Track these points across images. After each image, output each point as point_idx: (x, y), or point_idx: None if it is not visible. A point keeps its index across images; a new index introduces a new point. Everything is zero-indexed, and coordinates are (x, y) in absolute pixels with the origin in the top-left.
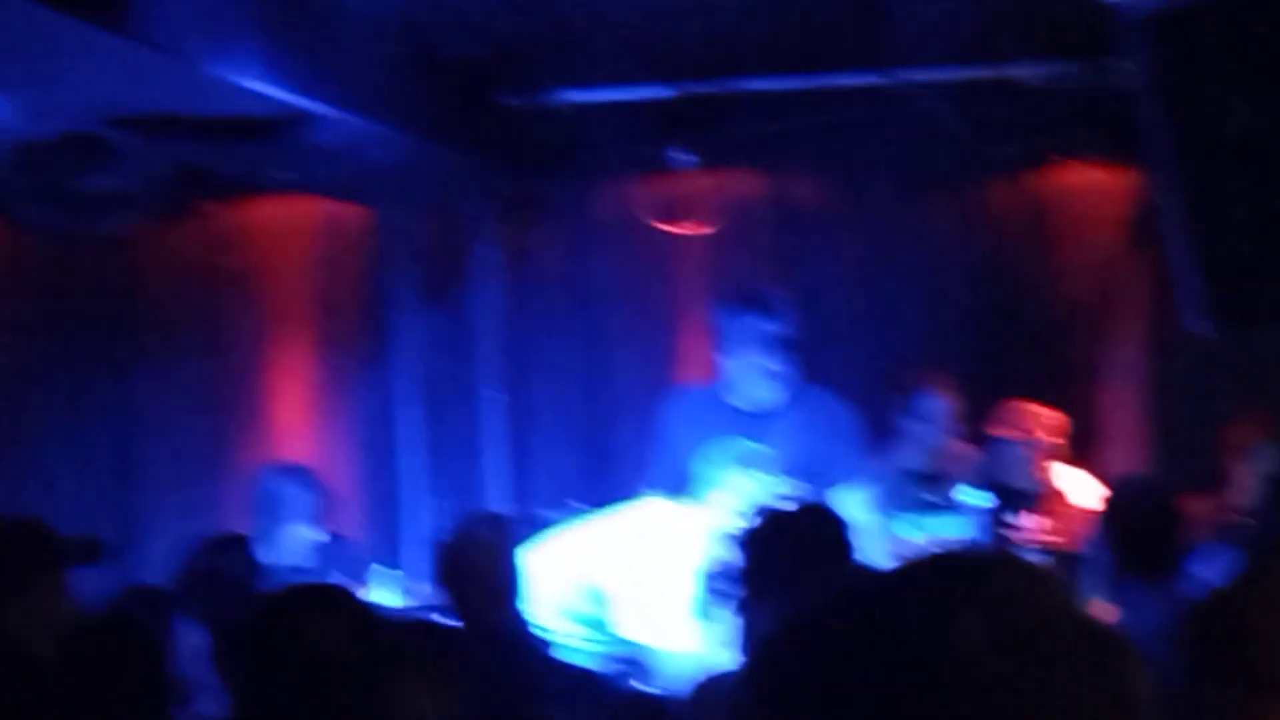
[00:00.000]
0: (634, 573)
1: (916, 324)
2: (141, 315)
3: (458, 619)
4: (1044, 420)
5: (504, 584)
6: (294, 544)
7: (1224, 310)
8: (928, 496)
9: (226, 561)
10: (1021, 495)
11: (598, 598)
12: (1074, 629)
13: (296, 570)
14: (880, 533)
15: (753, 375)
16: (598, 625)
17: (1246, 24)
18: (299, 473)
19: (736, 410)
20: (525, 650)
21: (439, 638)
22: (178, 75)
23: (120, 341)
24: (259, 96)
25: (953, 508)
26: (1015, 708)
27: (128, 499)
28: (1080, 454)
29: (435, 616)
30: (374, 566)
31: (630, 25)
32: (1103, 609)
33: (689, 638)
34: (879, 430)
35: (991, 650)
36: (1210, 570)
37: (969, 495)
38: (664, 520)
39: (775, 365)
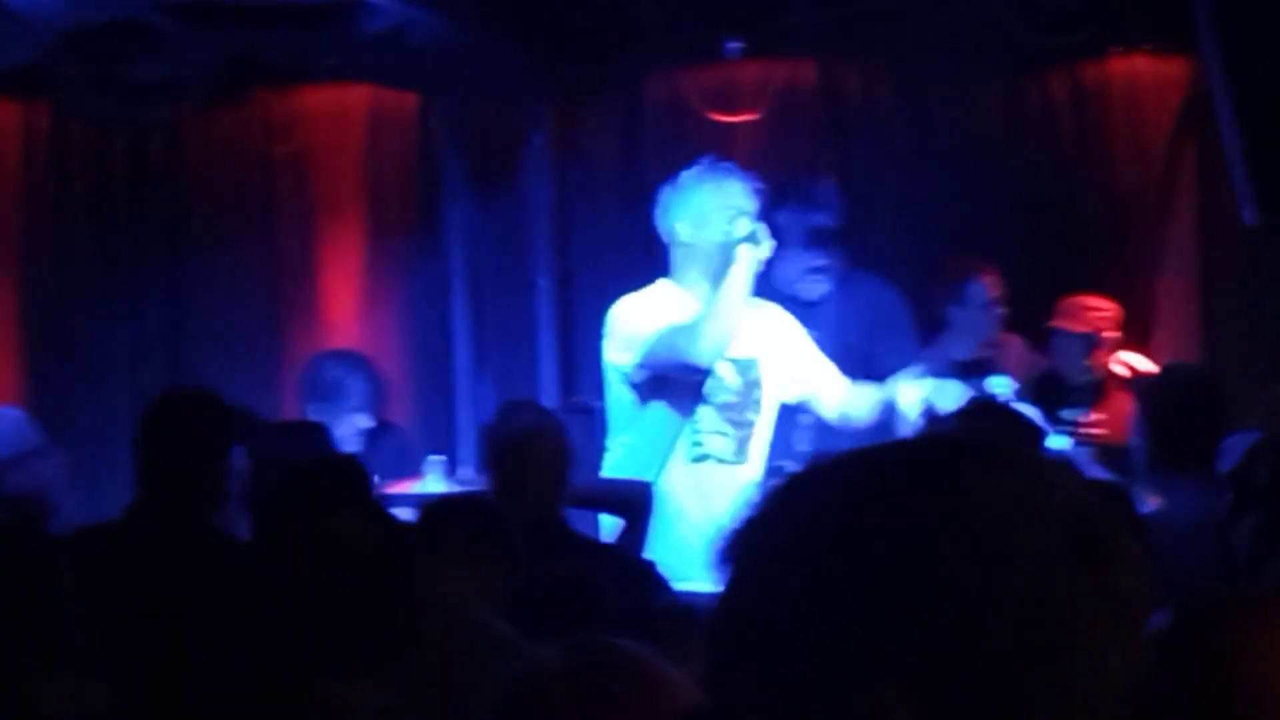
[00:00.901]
0: None
1: (968, 214)
2: (191, 202)
3: (501, 504)
4: (1103, 312)
5: (547, 471)
6: (349, 431)
7: (1271, 199)
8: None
9: (299, 448)
10: (1081, 389)
11: None
12: (1050, 524)
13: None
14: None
15: (798, 268)
16: None
17: None
18: (354, 359)
19: (784, 298)
20: (567, 536)
21: (486, 517)
22: None
23: (171, 228)
24: None
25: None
26: (987, 610)
27: (180, 381)
28: (1135, 345)
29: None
30: (427, 455)
31: None
32: (1148, 498)
33: None
34: (927, 319)
35: (956, 552)
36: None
37: (995, 384)
38: None
39: (820, 260)
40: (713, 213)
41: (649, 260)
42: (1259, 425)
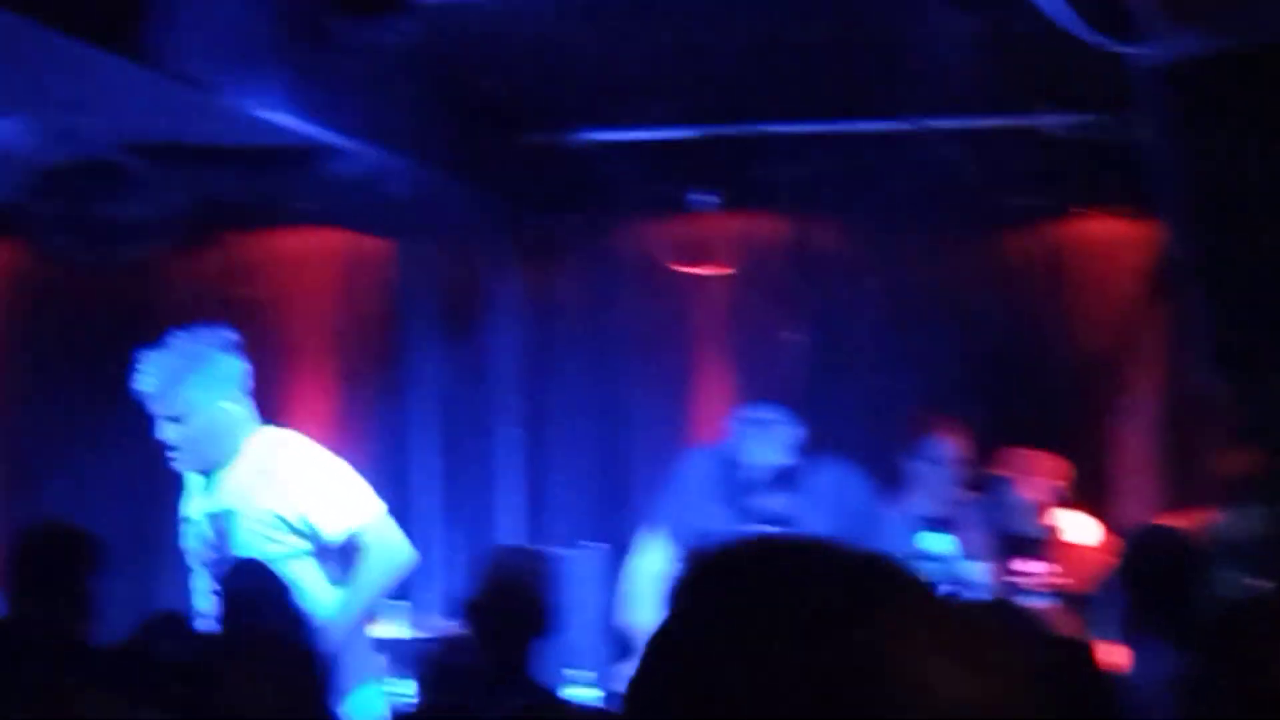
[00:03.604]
0: None
1: (933, 370)
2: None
3: (480, 651)
4: (1044, 464)
5: (535, 621)
6: None
7: (1233, 361)
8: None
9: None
10: (1023, 539)
11: None
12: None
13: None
14: None
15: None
16: None
17: (1259, 76)
18: None
19: (748, 474)
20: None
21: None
22: (198, 105)
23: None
24: (280, 127)
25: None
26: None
27: (145, 525)
28: (1093, 502)
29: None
30: (397, 601)
31: (654, 66)
32: (1112, 651)
33: None
34: (890, 475)
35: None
36: None
37: (931, 540)
38: None
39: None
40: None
41: (612, 408)
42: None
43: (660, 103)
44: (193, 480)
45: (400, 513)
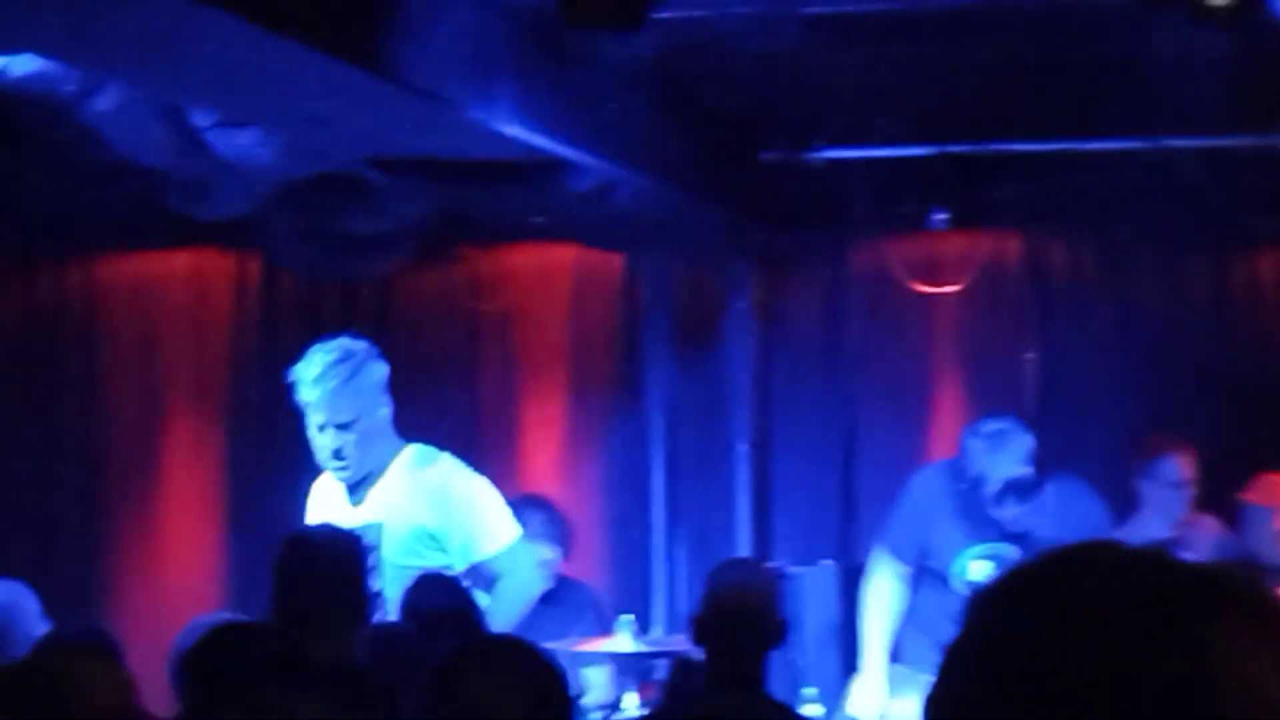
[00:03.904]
0: None
1: (1167, 391)
2: (397, 357)
3: (710, 666)
4: None
5: (768, 634)
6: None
7: None
8: None
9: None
10: (1276, 569)
11: None
12: None
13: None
14: None
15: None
16: None
17: None
18: (531, 498)
19: (983, 486)
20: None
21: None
22: (437, 118)
23: None
24: (517, 141)
25: None
26: None
27: None
28: None
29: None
30: (619, 614)
31: (890, 83)
32: None
33: None
34: (1124, 497)
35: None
36: None
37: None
38: None
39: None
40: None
41: (846, 427)
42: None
43: (895, 120)
44: (331, 493)
45: (632, 527)
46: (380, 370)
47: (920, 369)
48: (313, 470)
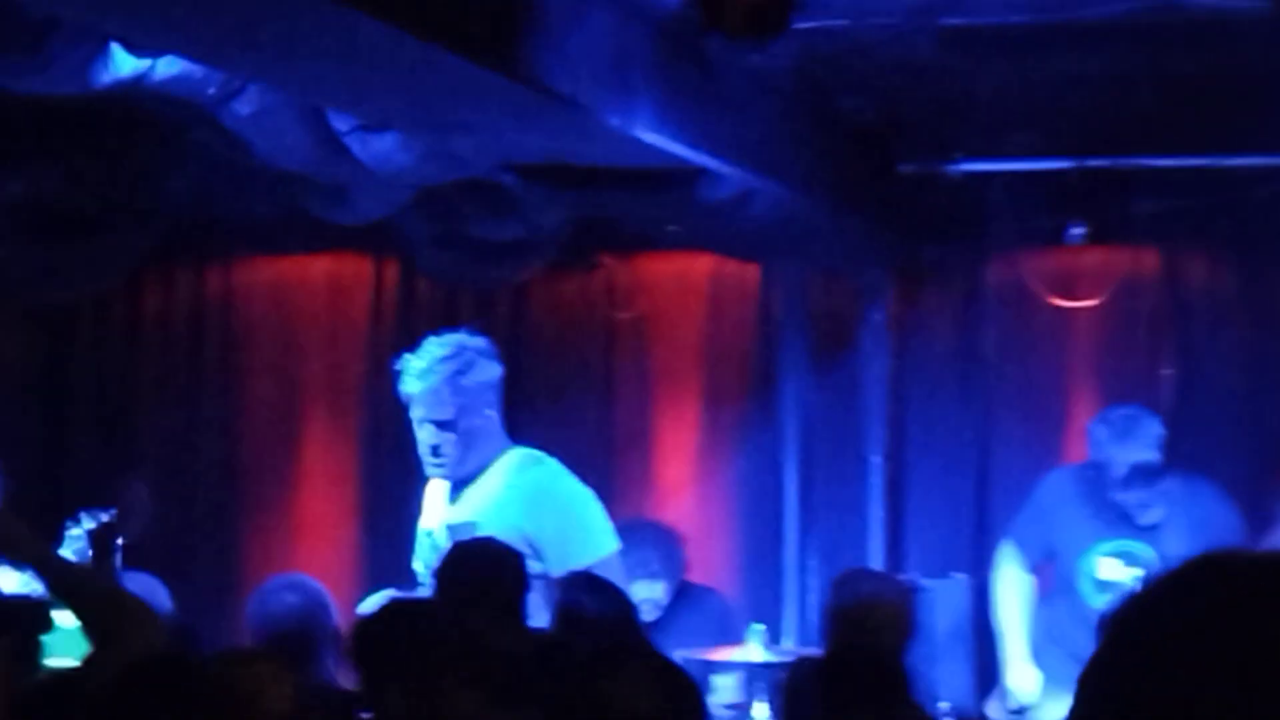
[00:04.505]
0: None
1: None
2: (532, 363)
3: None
4: None
5: (897, 646)
6: (643, 596)
7: None
8: None
9: (586, 600)
10: None
11: None
12: None
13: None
14: None
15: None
16: None
17: None
18: (645, 527)
19: (1112, 473)
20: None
21: None
22: (575, 124)
23: (510, 387)
24: (655, 148)
25: None
26: None
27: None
28: None
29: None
30: (750, 623)
31: (1030, 96)
32: None
33: None
34: (1260, 516)
35: None
36: None
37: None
38: None
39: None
40: None
41: (980, 440)
42: None
43: (1034, 133)
44: (434, 493)
45: (764, 537)
46: (492, 370)
47: (1055, 384)
48: None
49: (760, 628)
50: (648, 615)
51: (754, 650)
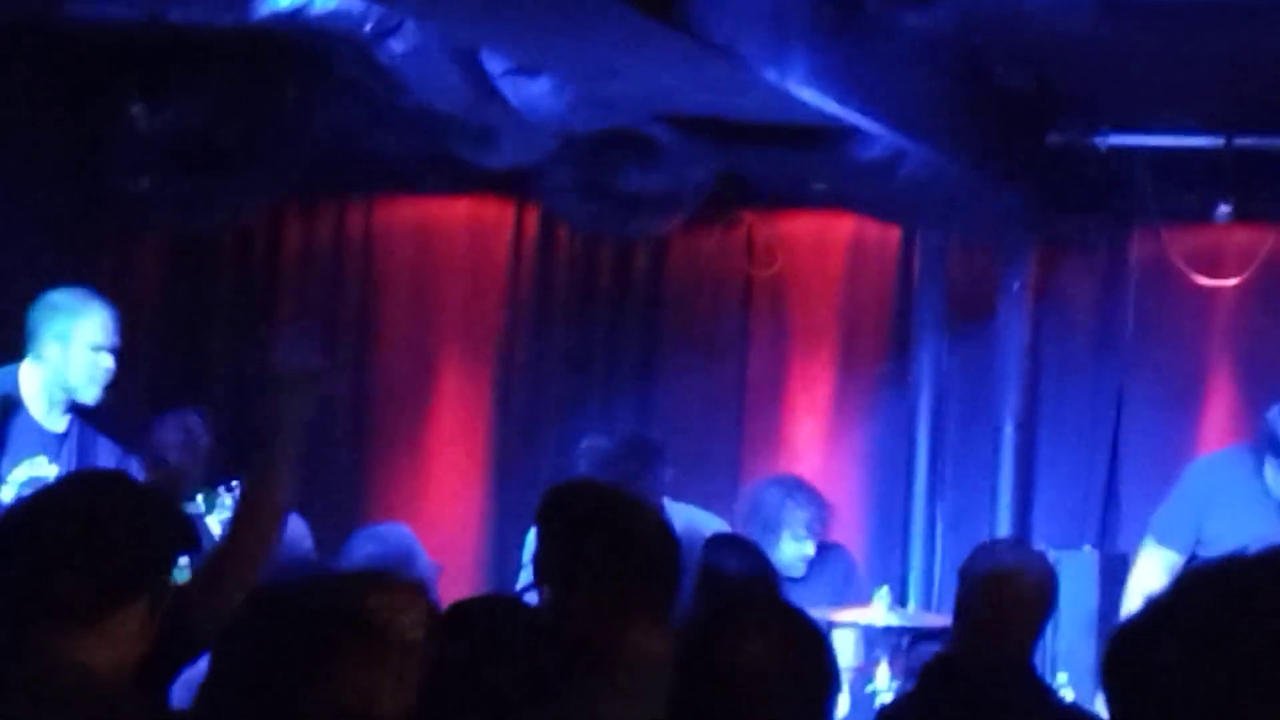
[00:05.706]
0: None
1: None
2: (668, 316)
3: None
4: None
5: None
6: (785, 556)
7: None
8: None
9: (728, 560)
10: None
11: None
12: None
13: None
14: None
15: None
16: None
17: None
18: (794, 485)
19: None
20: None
21: None
22: (730, 77)
23: (646, 339)
24: (808, 105)
25: None
26: None
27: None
28: None
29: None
30: (876, 585)
31: (1183, 72)
32: None
33: None
34: None
35: None
36: None
37: None
38: None
39: None
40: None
41: (1114, 414)
42: None
43: (1184, 109)
44: None
45: (893, 500)
46: None
47: (1193, 361)
48: (579, 421)
49: (885, 590)
50: (797, 572)
51: (878, 612)
